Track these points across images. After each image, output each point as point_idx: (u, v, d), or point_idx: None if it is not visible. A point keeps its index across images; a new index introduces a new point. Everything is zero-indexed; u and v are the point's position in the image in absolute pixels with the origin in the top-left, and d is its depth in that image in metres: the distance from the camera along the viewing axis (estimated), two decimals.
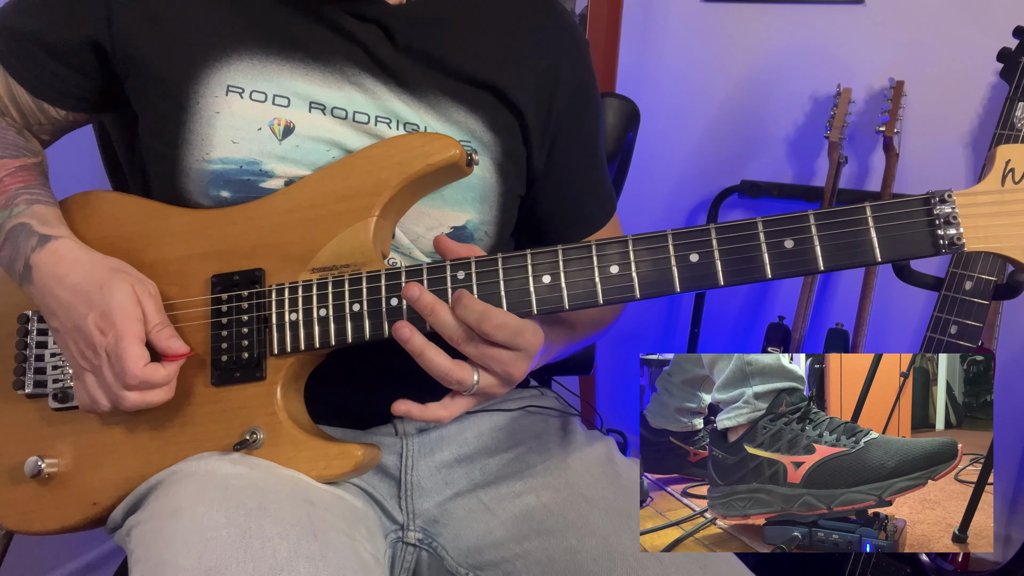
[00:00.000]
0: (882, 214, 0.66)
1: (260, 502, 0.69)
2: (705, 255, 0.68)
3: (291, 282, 0.78)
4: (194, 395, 0.80)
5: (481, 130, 0.87)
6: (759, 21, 2.04)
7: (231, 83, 0.81)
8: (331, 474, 0.77)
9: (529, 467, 0.88)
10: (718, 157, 2.14)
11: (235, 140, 0.80)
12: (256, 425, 0.77)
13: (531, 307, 0.72)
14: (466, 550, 0.84)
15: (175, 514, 0.68)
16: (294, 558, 0.64)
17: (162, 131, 0.82)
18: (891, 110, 1.79)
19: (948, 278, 1.32)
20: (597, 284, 0.71)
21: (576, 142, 0.94)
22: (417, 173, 0.78)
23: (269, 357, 0.78)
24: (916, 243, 0.66)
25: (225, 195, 0.81)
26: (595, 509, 0.81)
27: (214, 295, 0.80)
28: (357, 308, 0.76)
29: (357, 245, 0.78)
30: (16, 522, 0.83)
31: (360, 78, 0.84)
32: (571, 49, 0.94)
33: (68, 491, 0.81)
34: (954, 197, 0.66)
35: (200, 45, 0.81)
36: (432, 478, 0.89)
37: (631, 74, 2.14)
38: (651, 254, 0.70)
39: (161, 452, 0.78)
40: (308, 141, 0.82)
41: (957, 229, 0.65)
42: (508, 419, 0.94)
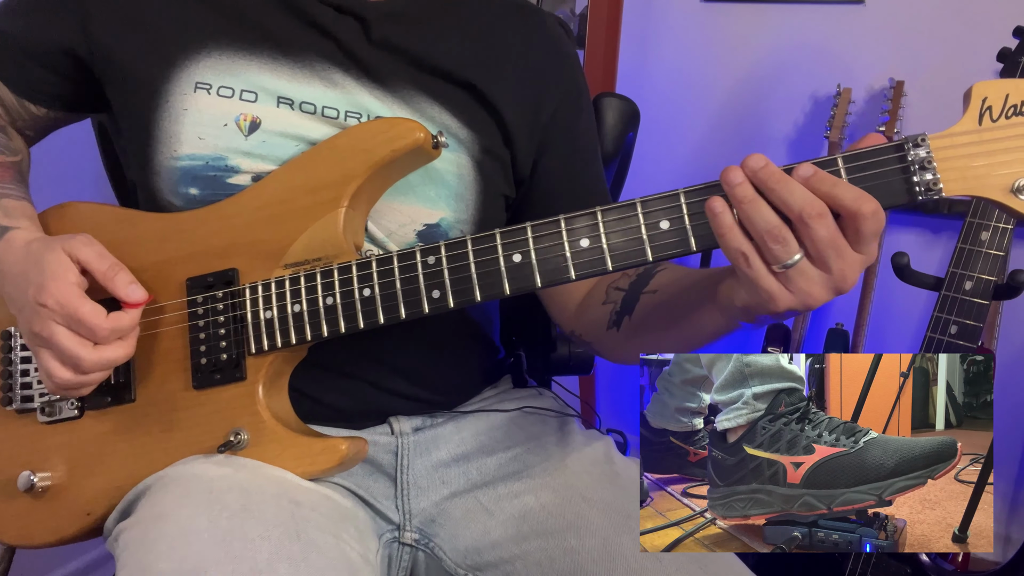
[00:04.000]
0: (855, 164, 0.62)
1: (244, 504, 0.69)
2: (676, 220, 0.66)
3: (264, 280, 0.78)
4: (177, 399, 0.79)
5: (456, 126, 0.86)
6: (759, 21, 2.04)
7: (199, 80, 0.81)
8: (317, 470, 0.77)
9: (527, 467, 0.88)
10: (718, 157, 2.14)
11: (201, 136, 0.80)
12: (240, 426, 0.77)
13: (503, 287, 0.71)
14: (464, 551, 0.84)
15: (160, 519, 0.68)
16: (275, 559, 0.64)
17: (135, 130, 0.82)
18: (891, 110, 1.79)
19: (948, 278, 1.32)
20: (568, 259, 0.69)
21: (569, 149, 0.93)
22: (383, 160, 0.77)
23: (248, 356, 0.78)
24: (891, 191, 0.62)
25: (194, 192, 0.81)
26: (594, 510, 0.81)
27: (190, 297, 0.80)
28: (330, 301, 0.75)
29: (328, 238, 0.77)
30: (15, 536, 0.84)
31: (330, 72, 0.83)
32: (558, 57, 0.93)
33: (62, 503, 0.81)
34: (928, 140, 0.62)
35: (172, 43, 0.82)
36: (428, 477, 0.89)
37: (631, 74, 2.14)
38: (621, 224, 0.67)
39: (148, 459, 0.78)
40: (275, 136, 0.81)
41: (934, 174, 0.62)
42: (505, 419, 0.94)
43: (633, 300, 0.79)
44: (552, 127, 0.91)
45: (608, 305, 0.82)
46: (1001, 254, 1.28)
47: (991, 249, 1.29)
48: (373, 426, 0.90)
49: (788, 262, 0.59)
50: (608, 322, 0.81)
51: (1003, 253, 1.28)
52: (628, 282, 0.81)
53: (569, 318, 0.90)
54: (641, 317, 0.78)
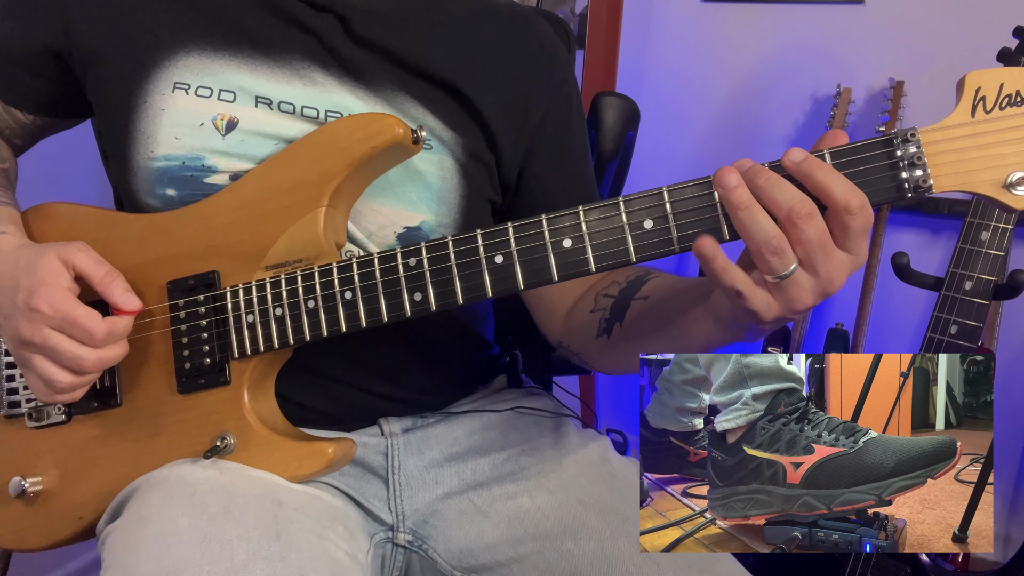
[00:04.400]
0: (842, 160, 0.60)
1: (225, 505, 0.69)
2: (659, 220, 0.64)
3: (245, 282, 0.77)
4: (162, 404, 0.79)
5: (440, 128, 0.85)
6: (759, 21, 2.04)
7: (178, 80, 0.80)
8: (304, 474, 0.76)
9: (522, 469, 0.88)
10: (718, 157, 2.14)
11: (177, 136, 0.79)
12: (226, 430, 0.77)
13: (485, 290, 0.69)
14: (458, 552, 0.84)
15: (143, 521, 0.68)
16: (251, 560, 0.64)
17: (113, 131, 0.82)
18: (891, 110, 1.79)
19: (948, 278, 1.32)
20: (551, 260, 0.67)
21: (557, 155, 0.91)
22: (362, 157, 0.75)
23: (232, 360, 0.77)
24: (878, 188, 0.60)
25: (171, 193, 0.80)
26: (590, 512, 0.81)
27: (171, 301, 0.79)
28: (312, 304, 0.74)
29: (308, 238, 0.76)
30: (10, 541, 0.83)
31: (310, 71, 0.82)
32: (547, 61, 0.91)
33: (54, 507, 0.81)
34: (919, 135, 0.59)
35: (152, 43, 0.81)
36: (421, 477, 0.88)
37: (631, 74, 2.14)
38: (604, 223, 0.65)
39: (136, 463, 0.78)
40: (252, 136, 0.80)
41: (924, 170, 0.59)
42: (499, 419, 0.93)
43: (624, 306, 0.78)
44: (540, 132, 0.89)
45: (597, 312, 0.81)
46: (1001, 254, 1.28)
47: (991, 249, 1.29)
48: (362, 428, 0.89)
49: (784, 273, 0.57)
50: (598, 330, 0.80)
51: (1003, 253, 1.28)
52: (618, 289, 0.80)
53: (556, 327, 0.89)
54: (632, 323, 0.77)
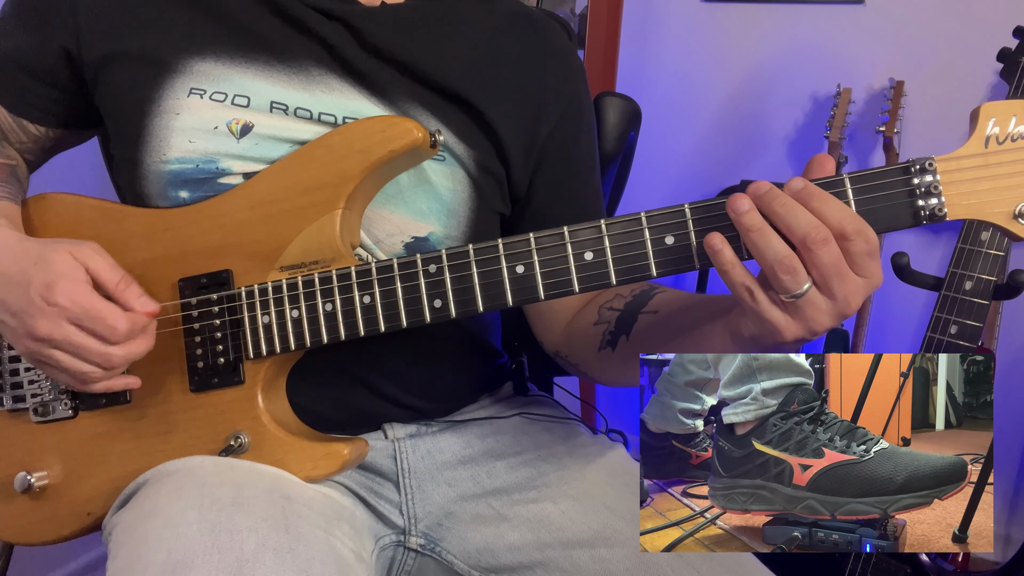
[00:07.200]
0: (861, 186, 0.63)
1: (235, 498, 0.69)
2: (681, 237, 0.65)
3: (260, 283, 0.76)
4: (174, 401, 0.79)
5: (453, 140, 0.84)
6: (759, 21, 2.04)
7: (194, 85, 0.80)
8: (319, 474, 0.77)
9: (541, 475, 0.87)
10: (718, 157, 2.14)
11: (192, 140, 0.79)
12: (240, 429, 0.77)
13: (506, 299, 0.70)
14: (475, 551, 0.83)
15: (152, 512, 0.68)
16: (261, 550, 0.64)
17: (125, 134, 0.81)
18: (891, 110, 1.79)
19: (948, 278, 1.32)
20: (572, 272, 0.68)
21: (565, 168, 0.90)
22: (380, 160, 0.75)
23: (246, 361, 0.77)
24: (895, 215, 0.62)
25: (183, 195, 0.80)
26: (620, 520, 0.80)
27: (183, 299, 0.78)
28: (330, 308, 0.74)
29: (325, 240, 0.75)
30: (16, 535, 0.83)
31: (326, 78, 0.82)
32: (560, 71, 0.90)
33: (61, 502, 0.81)
34: (936, 165, 0.62)
35: (167, 50, 0.81)
36: (433, 478, 0.88)
37: (631, 74, 2.14)
38: (625, 238, 0.67)
39: (148, 460, 0.77)
40: (267, 140, 0.80)
41: (939, 199, 0.62)
42: (509, 425, 0.93)
43: (631, 320, 0.78)
44: (550, 145, 0.89)
45: (601, 325, 0.81)
46: (1001, 254, 1.28)
47: (991, 249, 1.29)
48: (366, 432, 0.88)
49: (798, 292, 0.58)
50: (600, 342, 0.80)
51: (1003, 253, 1.28)
52: (623, 302, 0.80)
53: (555, 337, 0.89)
54: (640, 337, 0.77)
